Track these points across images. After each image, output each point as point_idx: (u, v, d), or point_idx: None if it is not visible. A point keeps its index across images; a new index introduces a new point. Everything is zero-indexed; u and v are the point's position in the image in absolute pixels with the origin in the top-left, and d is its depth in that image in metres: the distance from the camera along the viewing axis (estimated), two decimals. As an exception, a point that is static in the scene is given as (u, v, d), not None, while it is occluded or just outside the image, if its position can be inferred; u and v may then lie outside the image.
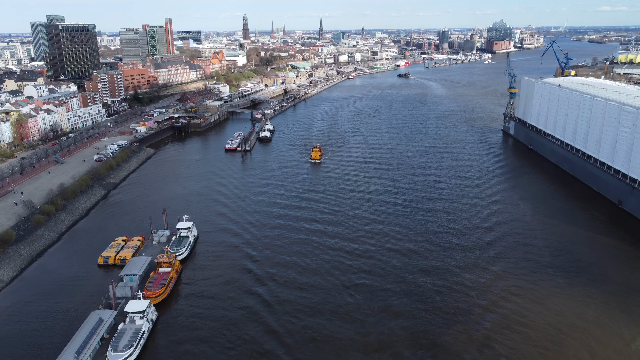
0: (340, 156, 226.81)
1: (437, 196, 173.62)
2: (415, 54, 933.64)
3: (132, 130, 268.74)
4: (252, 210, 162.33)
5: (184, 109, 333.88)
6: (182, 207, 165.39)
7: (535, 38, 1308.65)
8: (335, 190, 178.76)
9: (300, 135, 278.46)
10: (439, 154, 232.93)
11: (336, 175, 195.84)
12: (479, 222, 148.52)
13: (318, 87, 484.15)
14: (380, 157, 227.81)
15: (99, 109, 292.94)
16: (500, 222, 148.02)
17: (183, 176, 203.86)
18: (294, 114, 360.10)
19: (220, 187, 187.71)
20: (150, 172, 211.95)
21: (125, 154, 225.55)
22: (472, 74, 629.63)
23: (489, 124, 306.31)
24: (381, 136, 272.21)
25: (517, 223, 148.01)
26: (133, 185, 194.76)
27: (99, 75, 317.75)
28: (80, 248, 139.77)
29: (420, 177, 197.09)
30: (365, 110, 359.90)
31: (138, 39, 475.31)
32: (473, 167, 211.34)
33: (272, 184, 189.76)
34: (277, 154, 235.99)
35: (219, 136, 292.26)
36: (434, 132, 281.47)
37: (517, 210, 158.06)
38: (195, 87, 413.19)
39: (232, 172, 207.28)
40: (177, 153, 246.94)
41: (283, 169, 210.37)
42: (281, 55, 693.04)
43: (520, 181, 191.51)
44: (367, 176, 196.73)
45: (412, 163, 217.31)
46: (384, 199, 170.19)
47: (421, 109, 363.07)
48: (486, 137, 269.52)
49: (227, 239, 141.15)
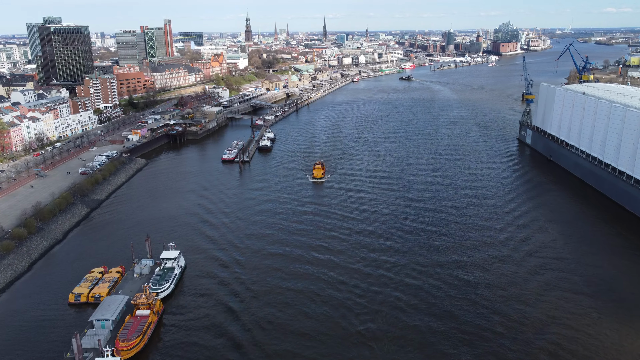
0: (344, 170, 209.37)
1: (454, 217, 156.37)
2: (420, 56, 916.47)
3: (124, 139, 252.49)
4: (248, 234, 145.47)
5: (180, 115, 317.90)
6: (170, 229, 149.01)
7: (542, 40, 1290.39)
8: (339, 214, 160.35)
9: (302, 143, 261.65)
10: (451, 166, 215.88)
11: (340, 197, 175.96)
12: (507, 252, 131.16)
13: (321, 91, 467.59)
14: (388, 169, 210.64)
15: (89, 115, 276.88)
16: (531, 253, 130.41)
17: (174, 192, 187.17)
18: (296, 119, 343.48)
19: (213, 205, 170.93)
20: (140, 187, 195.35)
21: (114, 166, 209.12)
22: (479, 77, 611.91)
23: (502, 131, 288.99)
24: (388, 145, 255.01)
25: (548, 252, 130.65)
26: (119, 202, 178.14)
27: (91, 79, 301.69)
28: (52, 280, 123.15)
29: (433, 193, 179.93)
30: (371, 116, 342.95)
31: (135, 41, 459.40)
32: (489, 181, 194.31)
33: (271, 201, 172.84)
34: (277, 167, 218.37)
35: (216, 144, 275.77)
36: (444, 141, 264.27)
37: (546, 236, 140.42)
38: (193, 92, 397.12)
39: (228, 188, 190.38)
40: (171, 164, 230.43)
41: (283, 183, 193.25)
42: (284, 58, 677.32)
43: (543, 199, 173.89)
44: (375, 194, 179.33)
45: (423, 177, 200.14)
46: (395, 223, 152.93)
47: (430, 114, 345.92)
48: (500, 147, 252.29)
49: (217, 272, 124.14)
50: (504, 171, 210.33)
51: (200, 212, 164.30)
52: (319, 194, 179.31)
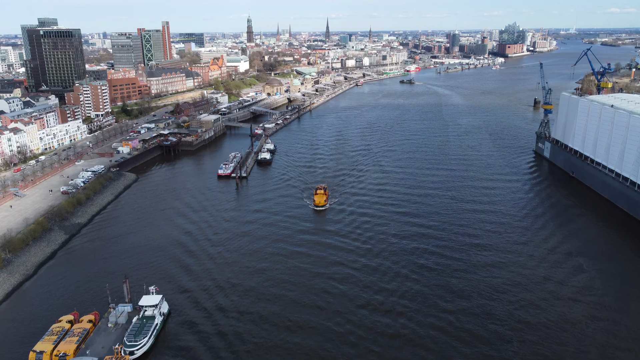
0: (349, 189, 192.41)
1: (473, 250, 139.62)
2: (425, 58, 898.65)
3: (113, 152, 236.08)
4: (241, 270, 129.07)
5: (176, 123, 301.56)
6: (153, 264, 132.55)
7: (548, 41, 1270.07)
8: (344, 247, 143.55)
9: (304, 155, 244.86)
10: (464, 183, 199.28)
11: (344, 221, 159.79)
12: (542, 295, 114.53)
13: (324, 96, 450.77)
14: (395, 188, 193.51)
15: (78, 125, 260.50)
16: (570, 299, 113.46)
17: (163, 214, 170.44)
18: (298, 127, 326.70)
19: (204, 232, 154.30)
20: (126, 208, 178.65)
21: (100, 183, 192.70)
22: (487, 80, 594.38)
23: (516, 142, 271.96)
24: (396, 158, 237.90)
25: (588, 298, 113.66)
26: (102, 226, 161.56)
27: (81, 86, 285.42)
28: (14, 331, 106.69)
29: (447, 216, 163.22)
30: (376, 124, 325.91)
31: (131, 44, 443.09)
32: (508, 202, 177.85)
33: (269, 225, 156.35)
34: (277, 184, 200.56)
35: (213, 156, 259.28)
36: (455, 153, 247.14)
37: (583, 278, 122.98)
38: (191, 97, 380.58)
39: (223, 209, 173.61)
40: (163, 179, 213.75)
41: (281, 205, 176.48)
42: (286, 60, 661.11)
43: (572, 226, 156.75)
44: (382, 217, 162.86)
45: (435, 196, 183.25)
46: (407, 256, 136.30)
47: (438, 122, 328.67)
48: (516, 160, 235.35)
49: (207, 320, 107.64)
50: (523, 190, 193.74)
51: (188, 241, 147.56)
52: (320, 219, 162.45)
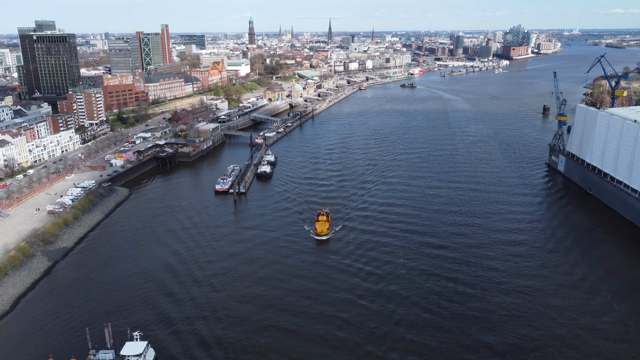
0: (354, 206, 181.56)
1: (490, 274, 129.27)
2: (429, 61, 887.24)
3: (106, 164, 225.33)
4: (237, 300, 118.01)
5: (173, 131, 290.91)
6: (140, 299, 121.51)
7: (552, 43, 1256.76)
8: (347, 271, 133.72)
9: (305, 168, 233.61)
10: (475, 199, 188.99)
11: (349, 246, 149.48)
12: (568, 338, 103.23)
13: (327, 101, 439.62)
14: (402, 203, 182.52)
15: (70, 135, 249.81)
16: (603, 337, 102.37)
17: (155, 235, 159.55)
18: (300, 136, 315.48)
19: (197, 260, 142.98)
20: (116, 228, 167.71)
21: (89, 200, 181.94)
22: (493, 84, 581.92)
23: (527, 153, 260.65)
24: (402, 171, 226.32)
25: (621, 346, 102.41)
26: (88, 251, 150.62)
27: (75, 94, 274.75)
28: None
29: (458, 237, 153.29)
30: (380, 132, 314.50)
31: (128, 49, 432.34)
32: (522, 221, 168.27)
33: (265, 244, 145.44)
34: (276, 202, 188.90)
35: (211, 168, 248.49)
36: (464, 165, 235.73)
37: (618, 326, 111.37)
38: (190, 103, 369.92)
39: (219, 232, 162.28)
40: (157, 195, 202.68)
41: (281, 228, 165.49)
42: (287, 63, 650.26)
43: (594, 252, 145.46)
44: (390, 236, 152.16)
45: (444, 213, 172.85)
46: (418, 283, 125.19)
47: (445, 130, 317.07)
48: (528, 173, 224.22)
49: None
50: (539, 207, 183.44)
51: (179, 270, 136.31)
52: (322, 247, 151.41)
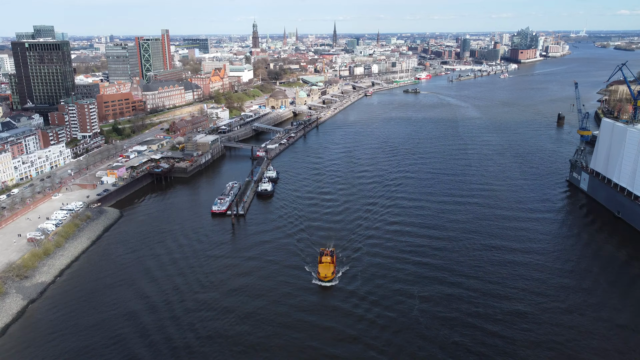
0: (361, 233, 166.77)
1: (515, 319, 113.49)
2: (435, 64, 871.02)
3: (97, 182, 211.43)
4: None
5: (171, 143, 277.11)
6: (120, 347, 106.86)
7: (560, 46, 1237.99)
8: (353, 314, 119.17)
9: (309, 186, 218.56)
10: (492, 221, 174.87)
11: (355, 296, 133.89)
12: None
13: (332, 109, 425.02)
14: (415, 230, 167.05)
15: (61, 149, 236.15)
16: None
17: (142, 269, 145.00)
18: (303, 147, 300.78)
19: (184, 300, 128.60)
20: (100, 259, 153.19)
21: (75, 225, 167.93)
22: (503, 90, 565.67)
23: (545, 167, 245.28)
24: (412, 189, 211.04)
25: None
26: (68, 287, 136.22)
27: (67, 105, 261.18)
28: None
29: (475, 268, 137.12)
30: (388, 143, 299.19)
31: (127, 55, 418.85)
32: (546, 249, 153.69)
33: (266, 289, 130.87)
34: (277, 225, 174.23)
35: (209, 184, 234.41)
36: (478, 182, 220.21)
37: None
38: (189, 112, 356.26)
39: (213, 265, 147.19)
40: (149, 217, 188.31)
41: (283, 260, 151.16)
42: (292, 68, 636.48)
43: (632, 288, 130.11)
44: (404, 271, 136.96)
45: (460, 239, 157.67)
46: (434, 328, 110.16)
47: (456, 142, 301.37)
48: (548, 191, 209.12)
49: None
50: (561, 231, 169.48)
51: (164, 312, 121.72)
52: (326, 310, 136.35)
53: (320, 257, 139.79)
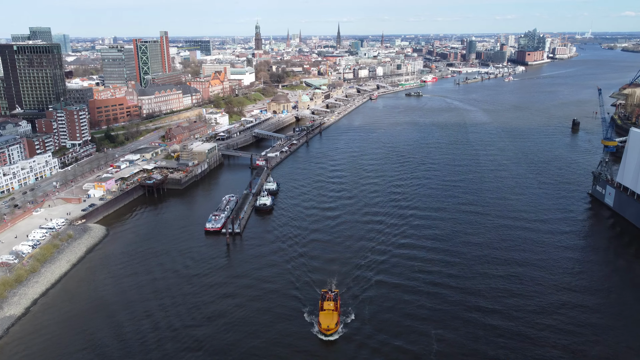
0: (367, 263, 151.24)
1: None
2: (441, 67, 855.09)
3: (84, 195, 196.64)
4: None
5: (166, 151, 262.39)
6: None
7: (568, 47, 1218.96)
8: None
9: (312, 201, 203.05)
10: (510, 241, 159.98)
11: (361, 333, 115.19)
12: None
13: (336, 114, 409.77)
14: (430, 254, 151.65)
15: (47, 159, 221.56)
16: None
17: (124, 298, 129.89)
18: (306, 155, 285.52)
19: (168, 341, 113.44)
20: (79, 285, 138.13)
21: (54, 246, 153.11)
22: (512, 94, 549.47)
23: (563, 177, 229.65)
24: (423, 205, 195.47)
25: None
26: (39, 322, 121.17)
27: (55, 111, 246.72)
28: None
29: (504, 298, 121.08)
30: (395, 151, 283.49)
31: (123, 58, 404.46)
32: (570, 272, 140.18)
33: (264, 323, 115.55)
34: (275, 253, 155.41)
35: (205, 196, 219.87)
36: (493, 195, 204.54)
37: None
38: (187, 117, 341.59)
39: (205, 293, 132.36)
40: (138, 235, 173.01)
41: (282, 289, 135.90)
42: (294, 71, 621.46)
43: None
44: (414, 310, 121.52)
45: (477, 261, 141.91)
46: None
47: (467, 150, 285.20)
48: (569, 206, 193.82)
49: None
50: (586, 253, 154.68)
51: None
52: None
53: (322, 303, 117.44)
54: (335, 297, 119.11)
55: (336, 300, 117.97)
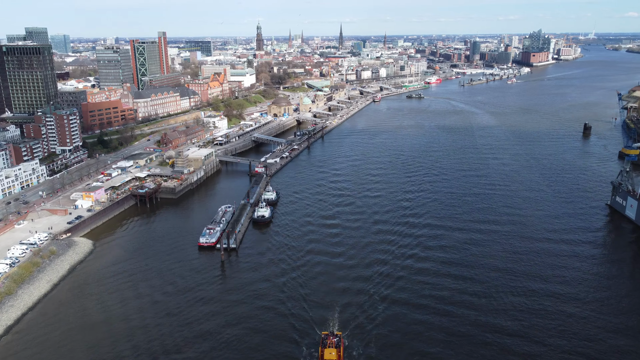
0: (373, 286, 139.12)
1: None
2: (445, 68, 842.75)
3: (71, 206, 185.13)
4: None
5: (161, 157, 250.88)
6: None
7: (572, 48, 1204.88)
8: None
9: (313, 215, 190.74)
10: (528, 257, 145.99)
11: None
12: None
13: (338, 117, 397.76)
14: (440, 282, 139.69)
15: (34, 166, 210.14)
16: None
17: (106, 328, 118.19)
18: (307, 161, 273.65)
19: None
20: (58, 309, 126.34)
21: (34, 264, 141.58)
22: (519, 96, 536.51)
23: (577, 186, 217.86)
24: (432, 215, 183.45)
25: None
26: (11, 352, 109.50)
27: (44, 115, 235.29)
28: None
29: (524, 340, 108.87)
30: (399, 158, 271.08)
31: (118, 59, 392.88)
32: (598, 296, 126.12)
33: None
34: (272, 278, 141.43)
35: (201, 206, 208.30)
36: (506, 207, 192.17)
37: None
38: (185, 120, 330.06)
39: (193, 317, 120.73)
40: (126, 250, 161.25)
41: (277, 314, 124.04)
42: (296, 72, 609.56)
43: None
44: (427, 335, 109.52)
45: (495, 282, 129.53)
46: None
47: (475, 157, 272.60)
48: (586, 218, 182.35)
49: None
50: (611, 271, 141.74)
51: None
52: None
53: (322, 350, 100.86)
54: (338, 343, 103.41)
55: (339, 347, 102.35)
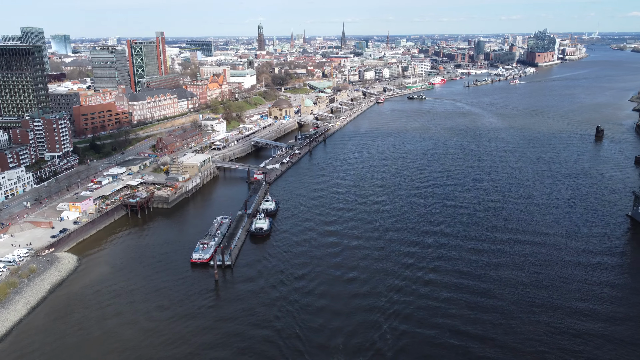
0: (383, 318, 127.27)
1: None
2: (449, 68, 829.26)
3: (57, 217, 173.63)
4: None
5: (155, 163, 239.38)
6: None
7: (578, 48, 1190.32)
8: None
9: (315, 230, 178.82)
10: (546, 272, 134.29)
11: None
12: None
13: (341, 119, 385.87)
14: (453, 309, 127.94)
15: (19, 174, 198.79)
16: None
17: (84, 354, 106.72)
18: (309, 167, 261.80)
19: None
20: (34, 339, 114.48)
21: (11, 285, 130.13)
22: (526, 97, 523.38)
23: (596, 195, 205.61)
24: (443, 225, 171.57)
25: None
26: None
27: (31, 120, 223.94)
28: None
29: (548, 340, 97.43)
30: (405, 163, 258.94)
31: (114, 60, 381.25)
32: (623, 314, 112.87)
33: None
34: (270, 305, 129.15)
35: (196, 216, 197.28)
36: (520, 216, 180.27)
37: None
38: (181, 124, 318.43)
39: (181, 345, 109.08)
40: (113, 267, 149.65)
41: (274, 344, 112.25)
42: (298, 73, 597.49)
43: None
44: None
45: (513, 296, 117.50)
46: None
47: (484, 162, 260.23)
48: (606, 230, 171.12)
49: None
50: (629, 285, 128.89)
51: None
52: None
53: None
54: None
55: None
